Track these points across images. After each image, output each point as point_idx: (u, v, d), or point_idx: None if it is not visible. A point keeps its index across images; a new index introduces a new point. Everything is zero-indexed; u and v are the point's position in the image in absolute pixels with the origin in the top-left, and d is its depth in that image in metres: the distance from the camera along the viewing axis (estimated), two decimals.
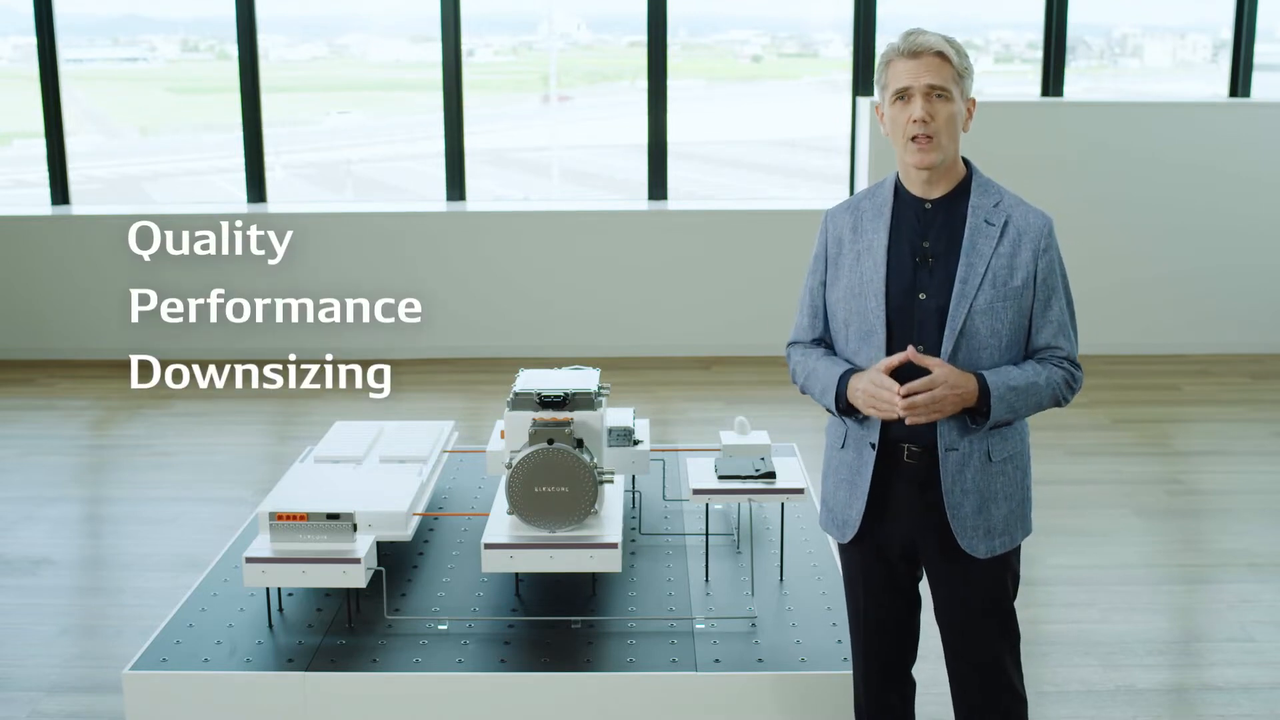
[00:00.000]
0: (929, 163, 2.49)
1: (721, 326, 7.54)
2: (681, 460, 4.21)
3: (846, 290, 2.59)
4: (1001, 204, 2.54)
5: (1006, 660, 2.65)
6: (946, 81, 2.48)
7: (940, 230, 2.54)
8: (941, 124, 2.48)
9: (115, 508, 5.42)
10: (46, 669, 3.91)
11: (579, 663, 3.00)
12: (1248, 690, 3.74)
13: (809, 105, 9.53)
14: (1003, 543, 2.58)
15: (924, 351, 2.48)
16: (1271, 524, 5.03)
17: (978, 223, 2.52)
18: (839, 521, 2.66)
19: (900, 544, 2.62)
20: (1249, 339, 7.55)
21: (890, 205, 2.58)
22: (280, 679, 2.97)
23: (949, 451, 2.51)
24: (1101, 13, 8.63)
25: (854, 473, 2.61)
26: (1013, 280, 2.49)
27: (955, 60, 2.50)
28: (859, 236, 2.60)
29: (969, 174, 2.59)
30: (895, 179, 2.62)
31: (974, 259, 2.49)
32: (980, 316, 2.48)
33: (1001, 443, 2.55)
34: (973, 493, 2.53)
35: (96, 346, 7.55)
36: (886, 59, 2.54)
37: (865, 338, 2.55)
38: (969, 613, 2.63)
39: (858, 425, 2.59)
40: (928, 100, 2.47)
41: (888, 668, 2.75)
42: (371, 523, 3.19)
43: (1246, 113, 7.42)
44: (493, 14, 8.82)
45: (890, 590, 2.69)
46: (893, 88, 2.51)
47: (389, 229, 7.45)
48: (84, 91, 8.96)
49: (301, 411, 6.67)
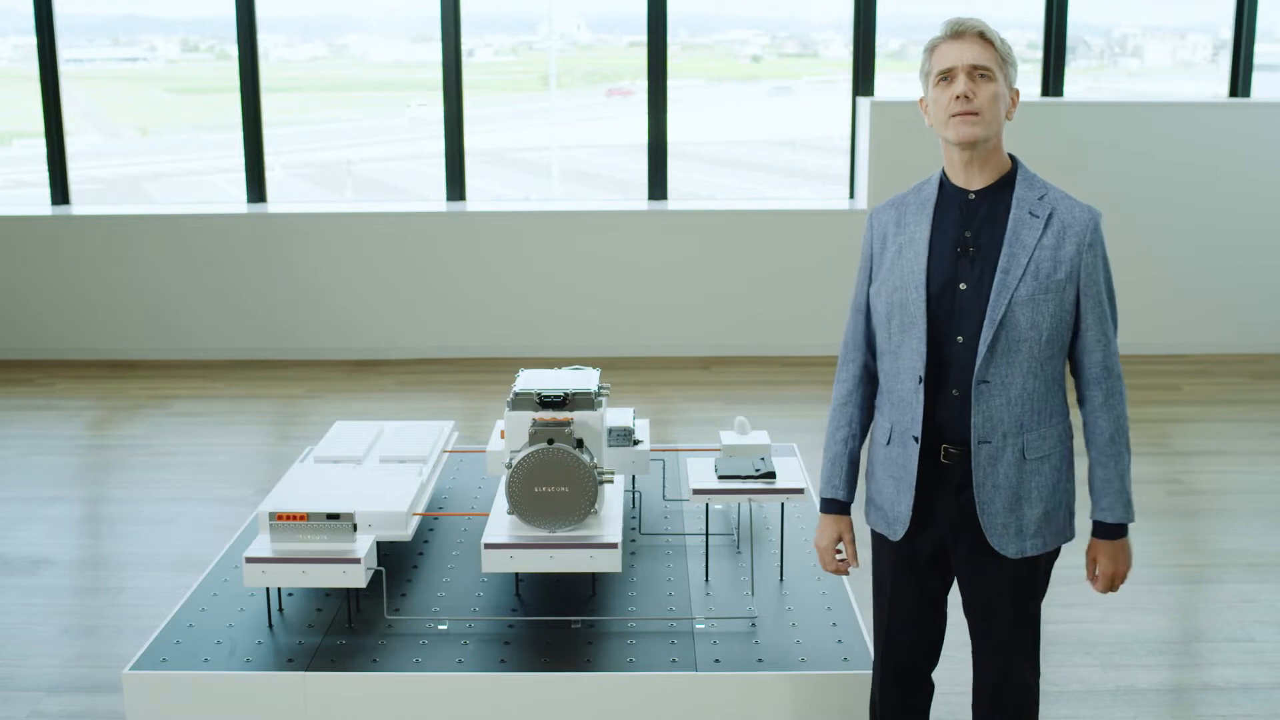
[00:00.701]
0: (971, 136, 2.46)
1: (721, 326, 7.54)
2: (681, 460, 4.21)
3: (888, 284, 2.58)
4: (1047, 197, 2.52)
5: (1026, 664, 2.66)
6: (989, 62, 2.47)
7: (983, 221, 2.52)
8: (984, 101, 2.46)
9: (115, 508, 5.42)
10: (46, 669, 3.91)
11: (579, 663, 3.00)
12: (1248, 690, 3.74)
13: (807, 103, 9.53)
14: (1034, 545, 2.57)
15: (963, 344, 2.49)
16: (1271, 524, 5.03)
17: (1021, 214, 2.50)
18: (889, 518, 2.65)
19: (934, 544, 2.63)
20: (1249, 339, 7.55)
21: (934, 199, 2.58)
22: (280, 679, 2.97)
23: (981, 444, 2.51)
24: (1101, 13, 8.64)
25: (900, 467, 2.60)
26: (1056, 274, 2.47)
27: (998, 44, 2.50)
28: (902, 230, 2.59)
29: (1014, 167, 2.57)
30: (941, 173, 2.61)
31: (1016, 250, 2.47)
32: (1021, 308, 2.46)
33: (1038, 441, 2.54)
34: (1004, 489, 2.52)
35: (96, 346, 7.56)
36: (930, 46, 2.54)
37: (906, 330, 2.54)
38: (992, 612, 2.64)
39: (905, 419, 2.58)
40: (970, 78, 2.47)
41: (910, 670, 2.75)
42: (371, 523, 3.19)
43: (1246, 113, 7.42)
44: (493, 14, 8.82)
45: (918, 592, 2.69)
46: (936, 70, 2.51)
47: (389, 229, 7.45)
48: (84, 91, 8.96)
49: (301, 411, 6.67)
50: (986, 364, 2.48)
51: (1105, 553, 2.61)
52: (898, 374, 2.58)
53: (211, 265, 7.48)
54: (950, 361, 2.51)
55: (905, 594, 2.70)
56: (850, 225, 7.44)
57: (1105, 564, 2.61)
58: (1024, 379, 2.49)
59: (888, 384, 2.63)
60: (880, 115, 7.22)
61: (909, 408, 2.56)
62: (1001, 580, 2.60)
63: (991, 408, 2.50)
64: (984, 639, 2.68)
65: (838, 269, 7.45)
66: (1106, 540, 2.60)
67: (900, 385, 2.58)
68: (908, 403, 2.56)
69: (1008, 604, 2.62)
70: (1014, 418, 2.51)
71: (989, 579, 2.61)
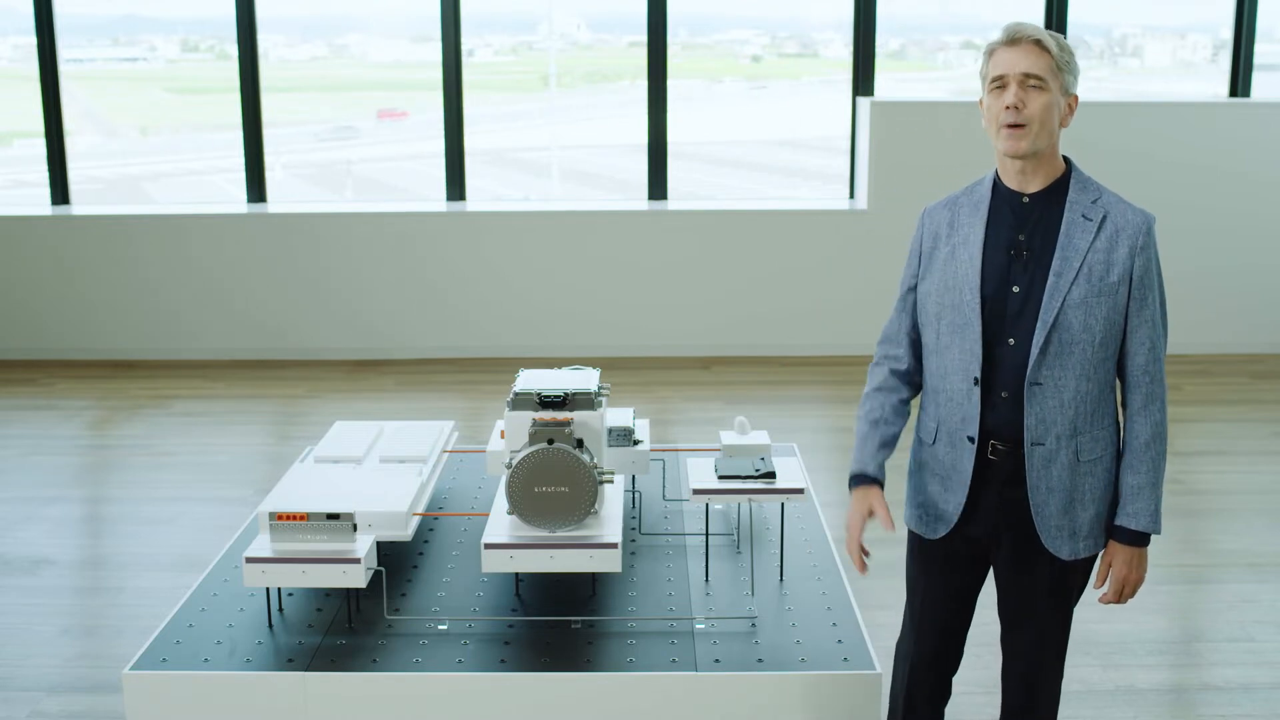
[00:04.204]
0: (1018, 150, 2.47)
1: (721, 326, 7.54)
2: (681, 460, 4.21)
3: (940, 284, 2.58)
4: (1100, 200, 2.52)
5: (1054, 664, 2.67)
6: (1042, 71, 2.45)
7: (1037, 224, 2.52)
8: (1034, 112, 2.45)
9: (115, 508, 5.42)
10: (46, 669, 3.91)
11: (579, 663, 3.00)
12: (1248, 690, 3.74)
13: (807, 103, 9.54)
14: (1087, 545, 2.57)
15: (1014, 346, 2.49)
16: (1271, 524, 5.03)
17: (1075, 217, 2.50)
18: (931, 516, 2.64)
19: (974, 542, 2.62)
20: (1249, 339, 7.56)
21: (988, 201, 2.57)
22: (280, 679, 2.96)
23: (1034, 446, 2.50)
24: (1101, 13, 8.64)
25: (949, 467, 2.59)
26: (1109, 276, 2.47)
27: (1055, 51, 2.47)
28: (955, 231, 2.59)
29: (1068, 170, 2.57)
30: (994, 175, 2.61)
31: (1069, 253, 2.48)
32: (1073, 311, 2.46)
33: (1091, 444, 2.54)
34: (1058, 491, 2.52)
35: (96, 346, 7.56)
36: (989, 50, 2.54)
37: (958, 331, 2.54)
38: (1033, 611, 2.63)
39: (955, 419, 2.58)
40: (1021, 88, 2.46)
41: (938, 671, 2.75)
42: (371, 523, 3.19)
43: (1246, 113, 7.42)
44: (493, 14, 8.83)
45: (955, 591, 2.70)
46: (991, 76, 2.51)
47: (389, 229, 7.45)
48: (84, 91, 8.97)
49: (301, 411, 6.67)
50: (1039, 366, 2.48)
51: (1124, 559, 2.58)
52: (946, 373, 2.58)
53: (212, 265, 7.48)
54: (1001, 363, 2.51)
55: (937, 593, 2.69)
56: (850, 225, 7.44)
57: (1121, 569, 2.58)
58: (1077, 381, 2.49)
59: (934, 383, 2.63)
60: (880, 115, 7.22)
61: (960, 408, 2.56)
62: (1048, 581, 2.60)
63: (1045, 410, 2.49)
64: (1018, 637, 2.67)
65: (838, 269, 7.45)
66: (1128, 547, 2.57)
67: (950, 385, 2.58)
68: (959, 403, 2.56)
69: (1050, 604, 2.62)
70: (1067, 420, 2.50)
71: (1035, 579, 2.60)
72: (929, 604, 2.71)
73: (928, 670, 2.75)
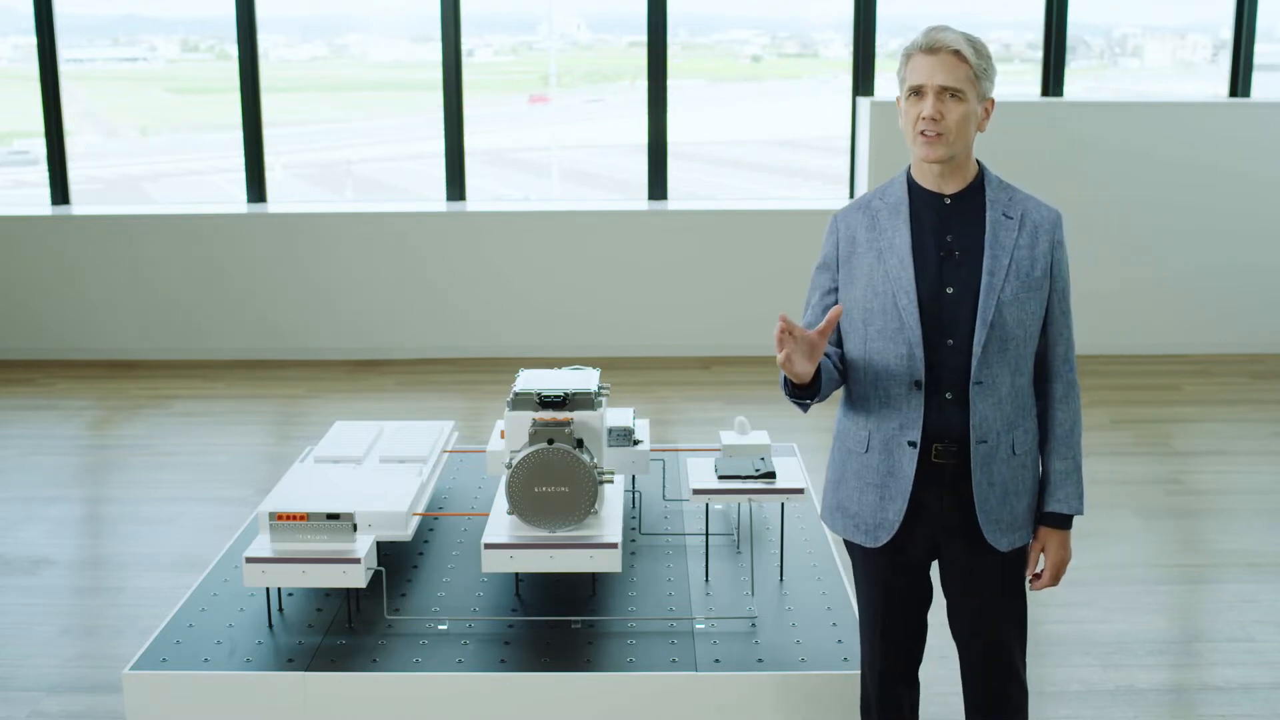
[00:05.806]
0: (934, 156, 2.51)
1: (721, 326, 7.54)
2: (681, 460, 4.21)
3: (866, 289, 2.58)
4: (1015, 199, 2.59)
5: (1016, 653, 2.69)
6: (960, 82, 2.48)
7: (963, 225, 2.55)
8: (951, 124, 2.48)
9: (115, 508, 5.42)
10: (46, 669, 3.91)
11: (579, 663, 3.00)
12: (1248, 690, 3.74)
13: (807, 103, 9.54)
14: (1022, 536, 2.62)
15: (954, 347, 2.51)
16: (1271, 524, 5.03)
17: (997, 216, 2.55)
18: (868, 526, 2.63)
19: (926, 544, 2.63)
20: (1249, 339, 7.55)
21: (906, 202, 2.59)
22: (280, 679, 2.97)
23: (979, 444, 2.53)
24: (1101, 13, 8.64)
25: (886, 475, 2.59)
26: (1034, 271, 2.54)
27: (973, 60, 2.49)
28: (877, 235, 2.59)
29: (980, 172, 2.61)
30: (907, 176, 2.62)
31: (998, 251, 2.52)
32: (1008, 308, 2.51)
33: (1024, 436, 2.59)
34: (999, 485, 2.56)
35: (96, 346, 7.56)
36: (907, 54, 2.55)
37: (891, 336, 2.54)
38: (986, 605, 2.65)
39: (891, 425, 2.57)
40: (939, 99, 2.48)
41: (900, 670, 2.75)
42: (371, 523, 3.19)
43: (1246, 113, 7.42)
44: (493, 14, 8.83)
45: (909, 593, 2.69)
46: (909, 83, 2.53)
47: (389, 229, 7.45)
48: (84, 91, 8.97)
49: (301, 411, 6.67)
50: (982, 365, 2.51)
51: (1056, 542, 2.65)
52: (878, 379, 2.57)
53: (211, 265, 7.47)
54: (942, 364, 2.52)
55: (897, 596, 2.69)
56: None
57: (1056, 553, 2.65)
58: (1012, 376, 2.55)
59: (863, 390, 2.61)
60: (880, 115, 7.22)
61: (898, 413, 2.56)
62: (994, 575, 2.63)
63: (987, 407, 2.53)
64: (975, 637, 2.68)
65: None
66: (1059, 531, 2.64)
67: (885, 391, 2.57)
68: (896, 408, 2.56)
69: (1001, 598, 2.65)
70: (1004, 416, 2.55)
71: (983, 575, 2.62)
72: (891, 606, 2.69)
73: (899, 666, 2.74)
